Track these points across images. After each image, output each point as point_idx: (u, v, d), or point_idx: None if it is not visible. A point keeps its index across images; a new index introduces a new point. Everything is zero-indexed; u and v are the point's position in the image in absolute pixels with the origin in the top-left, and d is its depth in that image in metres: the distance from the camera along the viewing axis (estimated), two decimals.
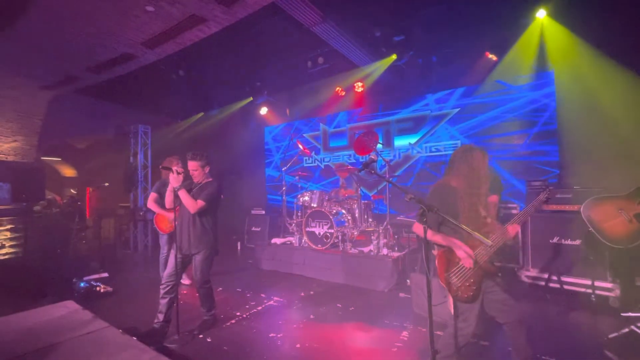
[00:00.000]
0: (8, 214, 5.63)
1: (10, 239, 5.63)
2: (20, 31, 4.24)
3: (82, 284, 4.23)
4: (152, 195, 4.24)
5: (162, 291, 3.02)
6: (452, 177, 2.13)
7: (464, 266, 1.96)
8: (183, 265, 3.16)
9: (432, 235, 2.00)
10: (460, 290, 1.95)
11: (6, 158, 5.90)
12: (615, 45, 4.31)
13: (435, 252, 2.10)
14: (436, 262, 2.05)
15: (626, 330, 2.75)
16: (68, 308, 3.44)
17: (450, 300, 2.01)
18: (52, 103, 6.40)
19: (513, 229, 2.03)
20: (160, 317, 3.01)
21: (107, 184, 6.49)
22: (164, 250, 4.44)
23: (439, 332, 2.82)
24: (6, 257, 5.44)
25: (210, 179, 3.17)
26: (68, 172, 11.61)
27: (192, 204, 2.94)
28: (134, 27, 4.19)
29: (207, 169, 3.15)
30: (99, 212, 7.90)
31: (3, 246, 5.52)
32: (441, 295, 2.12)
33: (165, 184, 3.88)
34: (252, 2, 3.73)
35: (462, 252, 1.93)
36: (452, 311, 2.01)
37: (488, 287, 2.03)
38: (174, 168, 2.93)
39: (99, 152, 10.07)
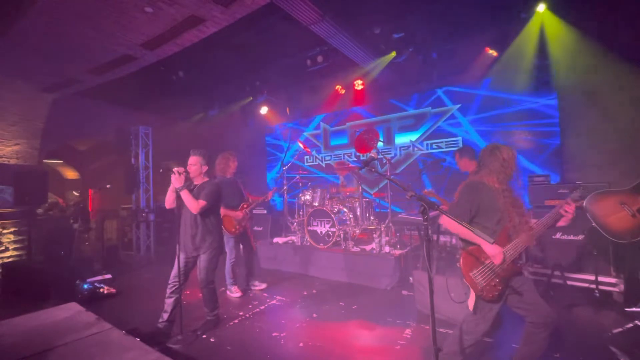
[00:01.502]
0: (11, 217, 5.65)
1: (14, 242, 5.66)
2: (20, 34, 4.24)
3: (85, 286, 4.25)
4: None
5: (168, 291, 3.07)
6: (484, 175, 2.13)
7: (490, 265, 1.95)
8: (190, 267, 3.19)
9: (461, 229, 1.99)
10: (485, 290, 1.94)
11: (8, 161, 5.92)
12: (615, 39, 4.28)
13: (461, 250, 2.08)
14: (461, 261, 2.03)
15: (630, 325, 2.74)
16: (72, 310, 3.44)
17: (472, 297, 2.00)
18: (53, 106, 6.42)
19: (570, 207, 2.00)
20: (165, 316, 3.05)
21: (109, 186, 6.51)
22: (231, 255, 4.16)
23: (441, 330, 2.82)
24: (10, 259, 5.48)
25: (207, 178, 3.22)
26: (70, 174, 11.66)
27: (194, 204, 2.95)
28: (133, 28, 4.18)
29: (204, 169, 3.19)
30: (102, 214, 7.93)
31: (7, 249, 5.55)
32: (463, 293, 2.10)
33: (225, 183, 3.97)
34: (250, 1, 3.72)
35: (492, 249, 1.92)
36: (471, 308, 2.00)
37: (515, 287, 1.99)
38: (175, 169, 2.95)
39: (100, 154, 10.10)
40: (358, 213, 5.25)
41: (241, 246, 4.37)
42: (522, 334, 2.06)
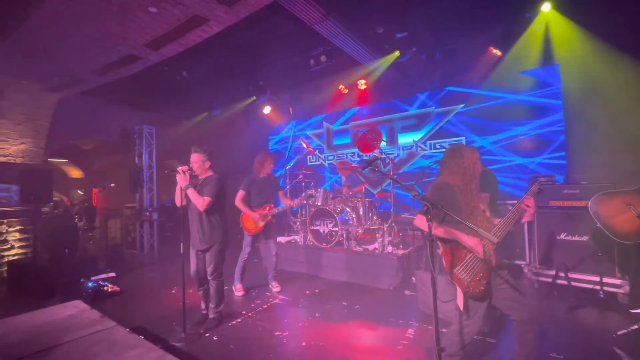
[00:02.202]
0: (17, 216, 5.70)
1: (20, 240, 5.71)
2: (26, 35, 4.28)
3: (90, 284, 4.29)
4: (240, 193, 4.11)
5: (196, 285, 3.35)
6: (446, 176, 2.18)
7: (471, 259, 1.96)
8: (202, 260, 3.29)
9: (436, 229, 1.99)
10: (472, 285, 1.94)
11: (14, 160, 5.98)
12: (621, 38, 4.24)
13: (440, 250, 2.09)
14: (443, 259, 2.05)
15: (635, 327, 2.72)
16: (76, 307, 3.48)
17: (460, 296, 2.00)
18: (58, 105, 6.47)
19: (530, 201, 2.04)
20: (202, 305, 3.40)
21: (113, 185, 6.55)
22: (244, 252, 4.22)
23: (444, 330, 2.81)
24: (15, 257, 5.53)
25: (211, 173, 3.26)
26: (75, 173, 11.75)
27: (200, 202, 3.04)
28: (137, 28, 4.20)
29: (207, 165, 3.24)
30: (106, 213, 7.99)
31: (12, 247, 5.60)
32: (449, 292, 2.10)
33: (254, 181, 4.18)
34: (254, 1, 3.73)
35: (471, 241, 1.93)
36: (462, 307, 2.00)
37: (498, 284, 2.02)
38: (179, 168, 3.00)
39: (104, 153, 10.17)
40: (361, 213, 5.24)
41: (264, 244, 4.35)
42: (515, 339, 2.06)
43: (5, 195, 5.75)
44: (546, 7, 4.61)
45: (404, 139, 6.99)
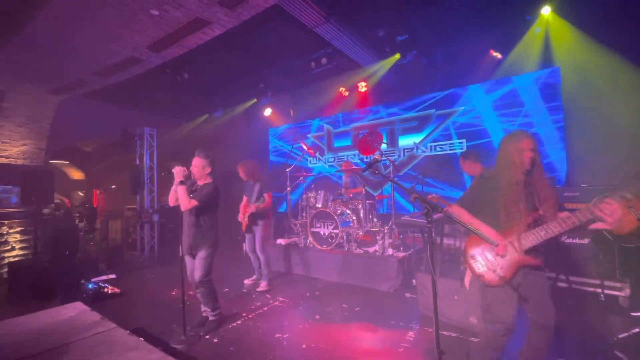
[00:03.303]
0: (18, 217, 5.71)
1: (20, 241, 5.72)
2: (28, 38, 4.31)
3: (90, 286, 4.29)
4: (244, 199, 4.61)
5: (193, 287, 3.32)
6: (495, 169, 2.05)
7: (494, 255, 1.93)
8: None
9: (467, 218, 1.98)
10: (487, 274, 1.91)
11: (15, 162, 6.00)
12: (621, 41, 4.25)
13: (465, 240, 2.08)
14: (465, 242, 2.02)
15: (636, 330, 2.71)
16: (76, 309, 3.48)
17: (468, 275, 1.96)
18: (60, 107, 6.50)
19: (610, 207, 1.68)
20: (202, 307, 3.37)
21: (113, 186, 6.56)
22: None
23: (444, 332, 2.81)
24: (16, 259, 5.53)
25: (209, 180, 3.23)
26: (76, 174, 11.76)
27: (185, 202, 3.00)
28: (139, 31, 4.23)
29: (206, 170, 3.21)
30: (106, 214, 7.99)
31: (13, 248, 5.61)
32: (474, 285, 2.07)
33: (249, 187, 4.56)
34: (255, 4, 3.75)
35: (497, 248, 1.90)
36: (467, 285, 1.96)
37: (527, 283, 1.93)
38: (175, 168, 3.02)
39: (105, 155, 10.19)
40: (361, 215, 5.24)
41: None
42: (526, 339, 2.03)
43: (6, 197, 5.77)
44: (546, 11, 4.63)
45: (405, 141, 6.99)
